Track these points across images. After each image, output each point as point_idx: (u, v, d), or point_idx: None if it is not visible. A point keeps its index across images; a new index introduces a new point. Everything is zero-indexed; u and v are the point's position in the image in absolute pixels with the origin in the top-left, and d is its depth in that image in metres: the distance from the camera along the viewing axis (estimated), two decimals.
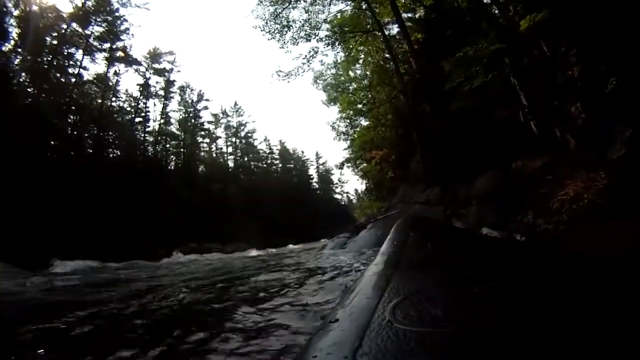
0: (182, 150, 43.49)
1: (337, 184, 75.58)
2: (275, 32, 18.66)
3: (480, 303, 1.36)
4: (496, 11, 9.61)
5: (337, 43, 19.74)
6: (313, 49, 19.68)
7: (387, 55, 19.86)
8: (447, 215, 8.80)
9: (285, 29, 18.67)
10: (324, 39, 19.30)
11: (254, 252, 19.37)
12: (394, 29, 19.66)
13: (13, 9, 24.71)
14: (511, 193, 6.48)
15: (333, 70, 24.94)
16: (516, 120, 8.44)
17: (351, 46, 20.81)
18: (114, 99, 33.81)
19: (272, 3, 17.83)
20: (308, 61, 19.30)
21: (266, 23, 18.42)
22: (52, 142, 25.35)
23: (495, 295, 1.43)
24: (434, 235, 3.81)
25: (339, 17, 19.47)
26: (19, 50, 24.74)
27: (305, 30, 18.91)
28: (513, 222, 5.80)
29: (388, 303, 1.40)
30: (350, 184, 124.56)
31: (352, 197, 76.41)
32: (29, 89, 25.40)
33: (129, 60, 33.47)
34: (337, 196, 76.99)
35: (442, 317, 1.22)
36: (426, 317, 1.23)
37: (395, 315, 1.25)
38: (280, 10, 18.10)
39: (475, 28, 9.40)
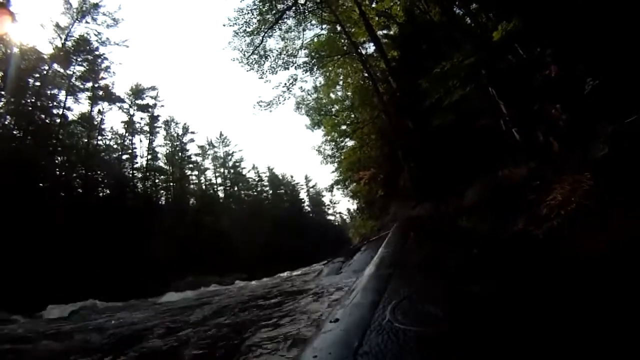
0: (171, 184, 43.35)
1: (329, 205, 75.82)
2: (254, 62, 18.85)
3: (479, 303, 1.40)
4: (469, 20, 9.74)
5: (315, 68, 20.14)
6: (292, 77, 20.03)
7: (366, 75, 20.16)
8: None
9: (263, 59, 18.90)
10: (302, 66, 19.70)
11: (252, 283, 19.12)
12: (371, 48, 20.08)
13: None
14: (500, 202, 6.40)
15: (314, 95, 25.23)
16: (498, 129, 8.46)
17: (330, 69, 21.25)
18: (99, 137, 34.05)
19: (247, 34, 17.98)
20: (288, 89, 19.59)
21: (244, 54, 18.57)
22: (41, 184, 25.10)
23: (494, 295, 1.47)
24: (434, 236, 3.75)
25: (315, 41, 19.89)
26: (2, 92, 24.69)
27: (283, 59, 19.25)
28: (505, 232, 5.70)
29: (388, 303, 1.43)
30: (343, 204, 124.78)
31: (345, 217, 76.58)
32: (14, 132, 25.33)
33: (112, 98, 33.80)
34: (331, 217, 77.10)
35: (441, 316, 1.26)
36: (426, 317, 1.27)
37: (395, 315, 1.28)
38: (256, 41, 18.28)
39: (450, 40, 9.50)
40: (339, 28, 18.54)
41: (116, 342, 4.41)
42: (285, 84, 19.47)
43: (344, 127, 24.09)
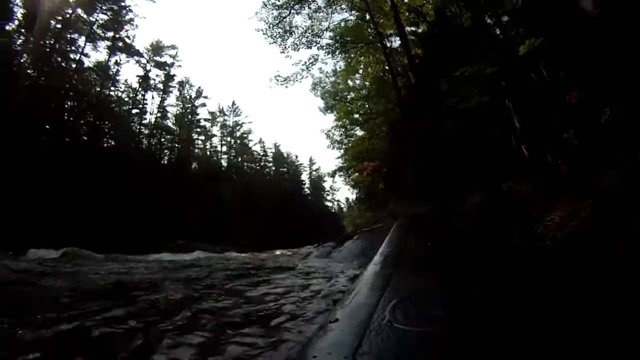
0: (176, 145, 43.40)
1: (328, 191, 75.54)
2: (277, 36, 18.70)
3: (480, 303, 1.40)
4: (498, 31, 9.66)
5: (337, 52, 19.97)
6: (313, 56, 19.92)
7: (387, 68, 20.00)
8: None
9: (287, 35, 18.75)
10: (324, 47, 19.53)
11: (243, 255, 19.26)
12: (396, 42, 19.87)
13: None
14: (500, 214, 6.46)
15: (332, 79, 25.07)
16: (508, 142, 8.47)
17: (352, 56, 21.13)
18: (112, 88, 33.97)
19: (276, 7, 17.82)
20: (307, 68, 19.56)
21: (269, 27, 18.41)
22: (47, 127, 25.09)
23: (494, 296, 1.49)
24: (435, 236, 3.77)
25: (342, 26, 19.70)
26: (22, 31, 24.57)
27: (307, 37, 19.09)
28: (501, 241, 5.78)
29: (388, 303, 1.43)
30: (342, 192, 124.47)
31: (342, 206, 76.38)
32: (29, 71, 25.21)
33: (131, 51, 33.57)
34: (328, 203, 76.89)
35: (441, 317, 1.27)
36: (426, 317, 1.26)
37: (394, 315, 1.27)
38: (284, 15, 18.10)
39: (477, 47, 9.44)
40: (367, 16, 18.24)
41: (119, 289, 4.56)
42: (306, 62, 19.50)
43: (356, 116, 23.98)
